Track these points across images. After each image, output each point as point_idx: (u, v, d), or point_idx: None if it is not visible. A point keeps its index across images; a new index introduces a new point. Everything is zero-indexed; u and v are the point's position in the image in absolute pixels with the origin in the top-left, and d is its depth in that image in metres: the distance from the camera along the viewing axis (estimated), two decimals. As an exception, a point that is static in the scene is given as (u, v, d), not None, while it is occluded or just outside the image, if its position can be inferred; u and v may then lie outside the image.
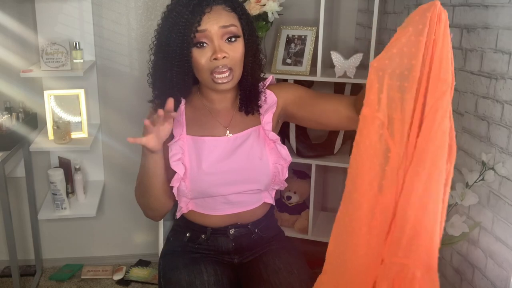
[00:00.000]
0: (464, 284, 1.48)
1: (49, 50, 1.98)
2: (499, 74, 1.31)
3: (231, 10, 1.22)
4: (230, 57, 1.20)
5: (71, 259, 2.52)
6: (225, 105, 1.33)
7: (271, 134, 1.31)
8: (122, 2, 2.24)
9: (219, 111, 1.33)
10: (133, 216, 2.45)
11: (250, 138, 1.31)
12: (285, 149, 1.32)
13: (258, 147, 1.31)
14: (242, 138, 1.31)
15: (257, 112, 1.33)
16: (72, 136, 2.10)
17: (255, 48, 1.29)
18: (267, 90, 1.35)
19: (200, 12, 1.17)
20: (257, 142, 1.31)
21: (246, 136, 1.31)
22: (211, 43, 1.19)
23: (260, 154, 1.30)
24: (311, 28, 2.02)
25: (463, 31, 1.47)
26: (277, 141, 1.32)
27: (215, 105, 1.33)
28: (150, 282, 2.38)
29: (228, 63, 1.20)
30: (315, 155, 2.09)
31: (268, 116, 1.33)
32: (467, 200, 1.40)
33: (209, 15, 1.17)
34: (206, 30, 1.17)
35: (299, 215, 2.25)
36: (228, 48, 1.20)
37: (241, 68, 1.25)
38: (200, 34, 1.17)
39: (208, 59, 1.19)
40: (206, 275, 1.25)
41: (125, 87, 2.33)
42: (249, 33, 1.25)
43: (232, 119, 1.33)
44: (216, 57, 1.18)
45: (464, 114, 1.47)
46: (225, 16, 1.19)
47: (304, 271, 1.31)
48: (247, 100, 1.32)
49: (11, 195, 2.13)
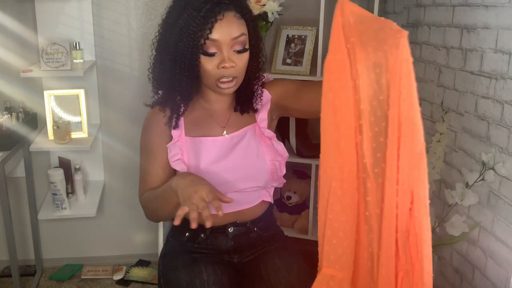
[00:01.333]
0: (464, 284, 1.48)
1: (49, 50, 1.98)
2: (499, 74, 1.30)
3: (240, 16, 1.21)
4: (237, 66, 1.20)
5: (71, 259, 2.52)
6: (222, 105, 1.34)
7: (266, 132, 1.33)
8: (122, 2, 2.24)
9: (217, 111, 1.34)
10: (133, 216, 2.45)
11: (246, 136, 1.32)
12: (281, 146, 1.33)
13: (255, 145, 1.32)
14: (238, 137, 1.32)
15: (252, 111, 1.34)
16: (72, 136, 2.10)
17: (258, 51, 1.29)
18: (264, 90, 1.36)
19: (212, 19, 1.15)
20: (253, 140, 1.32)
21: (242, 134, 1.32)
22: (220, 52, 1.19)
23: (257, 152, 1.31)
24: (311, 28, 2.02)
25: (463, 31, 1.47)
26: (273, 138, 1.33)
27: (212, 105, 1.33)
28: (150, 282, 2.38)
29: (234, 72, 1.21)
30: (315, 155, 2.09)
31: (263, 113, 1.34)
32: (467, 200, 1.40)
33: (221, 23, 1.16)
34: (218, 41, 1.17)
35: (299, 215, 2.25)
36: (235, 57, 1.20)
37: (244, 73, 1.25)
38: (210, 42, 1.17)
39: (215, 66, 1.19)
40: (205, 275, 1.25)
41: (125, 87, 2.33)
42: (255, 39, 1.26)
43: (229, 119, 1.34)
44: (224, 66, 1.18)
45: (464, 114, 1.47)
46: (236, 25, 1.19)
47: (304, 270, 1.32)
48: (243, 100, 1.33)
49: (11, 195, 2.13)
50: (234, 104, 1.34)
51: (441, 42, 1.59)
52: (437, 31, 1.62)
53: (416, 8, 1.76)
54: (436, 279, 1.64)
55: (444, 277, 1.59)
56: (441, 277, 1.61)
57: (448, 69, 1.55)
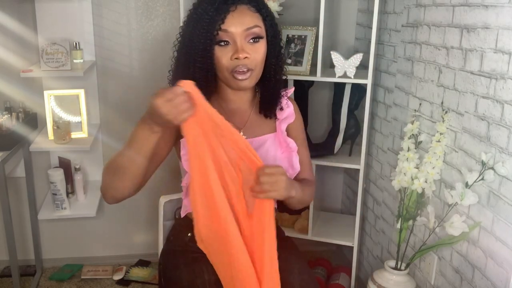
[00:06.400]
0: (464, 284, 1.48)
1: (49, 50, 1.98)
2: (499, 74, 1.31)
3: (256, 10, 1.21)
4: (252, 57, 1.20)
5: (71, 259, 2.52)
6: (241, 105, 1.33)
7: (292, 144, 1.32)
8: (122, 2, 2.24)
9: (235, 111, 1.32)
10: (133, 216, 2.45)
11: (266, 144, 1.31)
12: (297, 159, 1.33)
13: (272, 154, 1.31)
14: (258, 143, 1.31)
15: (274, 117, 1.33)
16: (72, 136, 2.10)
17: (278, 50, 1.29)
18: (289, 101, 1.36)
19: (225, 10, 1.17)
20: (272, 149, 1.31)
21: (262, 141, 1.31)
22: (234, 43, 1.19)
23: (273, 161, 1.30)
24: (311, 28, 2.02)
25: (463, 31, 1.47)
26: (295, 151, 1.32)
27: (230, 105, 1.32)
28: (150, 282, 2.38)
29: (249, 64, 1.20)
30: (315, 155, 2.09)
31: (285, 125, 1.34)
32: (467, 200, 1.40)
33: (233, 14, 1.18)
34: (229, 31, 1.18)
35: (299, 215, 2.26)
36: (250, 48, 1.20)
37: (261, 69, 1.25)
38: (223, 33, 1.18)
39: (230, 58, 1.19)
40: (207, 275, 1.25)
41: (125, 87, 2.33)
42: (273, 35, 1.26)
43: (248, 121, 1.32)
44: (237, 56, 1.18)
45: (464, 114, 1.47)
46: (249, 16, 1.19)
47: (304, 270, 1.31)
48: (268, 102, 1.31)
49: (11, 195, 2.13)
50: (257, 107, 1.33)
51: (441, 42, 1.59)
52: (437, 31, 1.62)
53: (416, 8, 1.76)
54: (436, 279, 1.64)
55: (444, 277, 1.59)
56: (441, 277, 1.61)
57: (448, 69, 1.55)
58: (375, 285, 1.70)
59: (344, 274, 2.25)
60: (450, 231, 1.47)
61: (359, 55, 1.90)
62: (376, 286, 1.69)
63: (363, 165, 2.02)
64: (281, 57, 1.31)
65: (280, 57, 1.30)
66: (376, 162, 2.15)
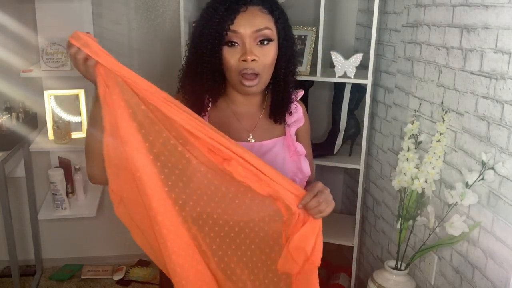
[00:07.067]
0: (464, 284, 1.48)
1: (49, 50, 1.98)
2: (499, 74, 1.31)
3: (268, 12, 1.19)
4: (260, 60, 1.17)
5: (71, 259, 2.52)
6: (250, 108, 1.30)
7: (300, 148, 1.30)
8: (122, 2, 2.24)
9: (244, 114, 1.30)
10: (133, 216, 2.45)
11: (275, 148, 1.29)
12: (307, 164, 1.31)
13: (281, 158, 1.29)
14: (267, 147, 1.28)
15: (284, 122, 1.32)
16: (72, 136, 2.10)
17: (289, 53, 1.25)
18: (298, 104, 1.34)
19: (235, 11, 1.15)
20: (281, 153, 1.29)
21: (271, 145, 1.29)
22: (242, 44, 1.17)
23: (282, 166, 1.29)
24: (311, 28, 2.02)
25: (463, 31, 1.47)
26: (303, 155, 1.30)
27: (239, 108, 1.29)
28: (150, 282, 2.38)
29: (257, 67, 1.17)
30: (315, 155, 2.08)
31: (294, 129, 1.32)
32: (467, 200, 1.40)
33: (244, 15, 1.16)
34: (238, 32, 1.16)
35: (299, 215, 2.25)
36: (259, 51, 1.17)
37: (270, 73, 1.22)
38: (231, 33, 1.16)
39: (238, 59, 1.17)
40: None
41: (125, 87, 2.33)
42: (284, 38, 1.22)
43: (257, 125, 1.30)
44: (245, 58, 1.15)
45: (464, 114, 1.47)
46: (260, 18, 1.17)
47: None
48: (278, 107, 1.29)
49: (11, 195, 2.13)
50: (267, 110, 1.30)
51: (441, 42, 1.59)
52: (437, 31, 1.62)
53: (416, 8, 1.76)
54: (436, 279, 1.64)
55: (444, 277, 1.59)
56: (441, 277, 1.61)
57: (448, 69, 1.55)
58: (375, 285, 1.70)
59: (344, 274, 2.25)
60: (450, 231, 1.47)
61: (359, 55, 1.90)
62: (376, 286, 1.69)
63: (363, 165, 2.02)
64: (293, 61, 1.27)
65: (292, 61, 1.26)
66: (376, 162, 2.15)
